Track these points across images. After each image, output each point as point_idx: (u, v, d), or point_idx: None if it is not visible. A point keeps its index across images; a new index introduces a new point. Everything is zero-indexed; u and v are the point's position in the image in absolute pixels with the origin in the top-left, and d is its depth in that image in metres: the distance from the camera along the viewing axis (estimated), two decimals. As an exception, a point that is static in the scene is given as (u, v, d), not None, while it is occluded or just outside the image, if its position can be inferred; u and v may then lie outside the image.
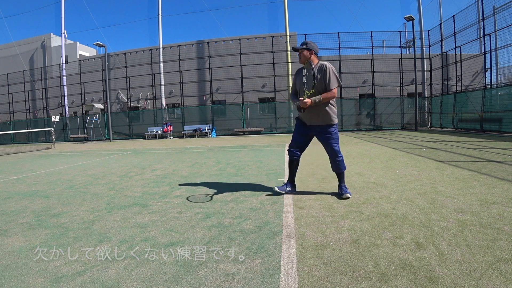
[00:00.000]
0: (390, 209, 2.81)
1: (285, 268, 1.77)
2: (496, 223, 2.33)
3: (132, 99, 22.20)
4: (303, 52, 3.21)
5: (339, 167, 3.31)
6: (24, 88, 24.60)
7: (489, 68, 14.66)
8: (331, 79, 3.09)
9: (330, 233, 2.28)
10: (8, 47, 26.25)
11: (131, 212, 3.04)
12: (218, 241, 2.21)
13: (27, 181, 5.23)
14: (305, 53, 3.20)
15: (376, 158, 6.17)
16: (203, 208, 3.07)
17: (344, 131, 18.04)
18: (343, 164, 3.31)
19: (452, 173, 4.31)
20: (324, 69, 3.11)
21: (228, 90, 20.52)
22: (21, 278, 1.76)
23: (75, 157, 9.42)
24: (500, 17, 13.52)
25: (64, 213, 3.12)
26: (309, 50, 3.19)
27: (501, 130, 11.95)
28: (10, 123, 23.96)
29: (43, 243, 2.31)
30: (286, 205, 3.05)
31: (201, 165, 6.31)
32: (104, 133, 20.24)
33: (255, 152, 8.29)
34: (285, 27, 19.49)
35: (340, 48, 19.20)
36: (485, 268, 1.67)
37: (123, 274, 1.78)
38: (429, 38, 19.53)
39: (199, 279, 1.69)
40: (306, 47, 3.20)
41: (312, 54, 3.21)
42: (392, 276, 1.63)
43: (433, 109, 18.27)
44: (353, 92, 19.53)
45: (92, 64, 22.98)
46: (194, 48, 21.16)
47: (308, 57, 3.21)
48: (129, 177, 5.13)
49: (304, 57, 3.22)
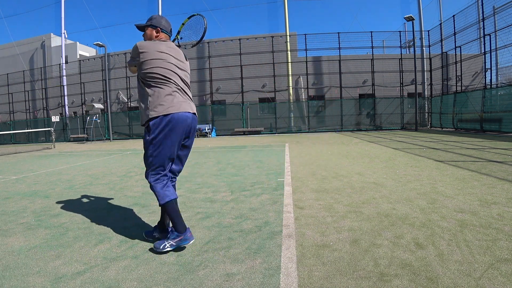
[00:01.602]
0: (390, 209, 2.81)
1: (285, 268, 1.77)
2: (496, 223, 2.33)
3: (132, 99, 22.19)
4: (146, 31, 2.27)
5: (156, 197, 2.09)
6: (24, 88, 24.60)
7: (489, 68, 14.66)
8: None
9: (330, 233, 2.28)
10: (8, 47, 26.25)
11: (131, 212, 3.04)
12: (218, 241, 2.21)
13: (27, 181, 5.23)
14: (149, 31, 2.25)
15: (376, 158, 6.17)
16: (203, 208, 3.07)
17: (344, 131, 18.05)
18: (157, 194, 2.07)
19: (452, 173, 4.31)
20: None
21: (228, 90, 20.52)
22: (21, 278, 1.76)
23: (75, 157, 9.42)
24: (500, 17, 13.53)
25: (64, 213, 3.12)
26: (154, 27, 2.24)
27: (501, 130, 11.95)
28: (10, 123, 23.96)
29: (43, 243, 2.31)
30: (286, 205, 3.05)
31: (201, 165, 6.31)
32: (104, 133, 20.24)
33: (255, 152, 8.29)
34: (285, 27, 19.50)
35: (340, 48, 19.19)
36: (485, 268, 1.67)
37: (123, 274, 1.78)
38: (429, 38, 19.53)
39: (199, 279, 1.69)
40: (150, 23, 2.25)
41: (155, 32, 2.25)
42: (392, 276, 1.63)
43: (433, 109, 18.27)
44: (353, 92, 19.53)
45: (92, 64, 22.98)
46: (194, 48, 21.14)
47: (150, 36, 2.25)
48: (129, 177, 5.13)
49: (146, 37, 2.28)
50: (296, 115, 19.11)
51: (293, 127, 18.99)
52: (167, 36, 2.30)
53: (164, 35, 2.27)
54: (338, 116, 18.86)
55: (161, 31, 2.25)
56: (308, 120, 19.10)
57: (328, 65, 19.75)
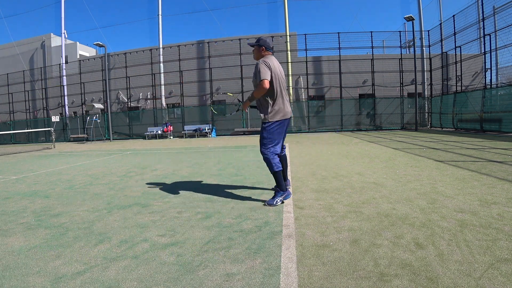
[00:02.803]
0: (390, 209, 2.81)
1: (285, 268, 1.77)
2: (496, 223, 2.33)
3: (132, 99, 22.19)
4: (254, 49, 3.18)
5: (268, 167, 3.07)
6: (24, 88, 24.60)
7: (489, 68, 14.66)
8: (257, 74, 2.94)
9: (330, 233, 2.28)
10: (8, 47, 26.25)
11: (131, 212, 3.04)
12: (218, 241, 2.21)
13: (27, 181, 5.23)
14: (256, 50, 3.16)
15: (376, 158, 6.17)
16: (203, 208, 3.08)
17: (344, 131, 18.05)
18: (270, 165, 3.02)
19: (452, 173, 4.31)
20: (256, 65, 3.01)
21: (228, 90, 20.52)
22: (21, 278, 1.76)
23: (75, 157, 9.42)
24: (500, 17, 13.52)
25: (64, 213, 3.12)
26: (260, 46, 3.13)
27: (501, 130, 11.95)
28: (10, 123, 23.96)
29: (43, 243, 2.31)
30: (286, 205, 3.05)
31: (201, 165, 6.31)
32: (104, 133, 20.24)
33: (255, 152, 8.29)
34: (285, 27, 19.50)
35: (340, 48, 19.18)
36: (485, 268, 1.67)
37: (123, 274, 1.78)
38: (429, 38, 19.53)
39: (199, 279, 1.69)
40: (258, 43, 3.14)
41: (263, 50, 3.13)
42: (392, 276, 1.63)
43: (433, 109, 18.27)
44: (353, 92, 19.54)
45: (92, 64, 22.97)
46: (194, 48, 21.16)
47: (260, 53, 3.14)
48: (129, 177, 5.13)
49: (255, 53, 3.18)
50: (296, 115, 19.11)
51: (293, 127, 18.98)
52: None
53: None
54: (338, 116, 18.86)
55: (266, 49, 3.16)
56: (308, 120, 19.10)
57: (328, 65, 19.75)
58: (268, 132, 3.03)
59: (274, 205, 3.01)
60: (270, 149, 3.04)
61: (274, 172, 3.02)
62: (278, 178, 3.04)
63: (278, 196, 3.08)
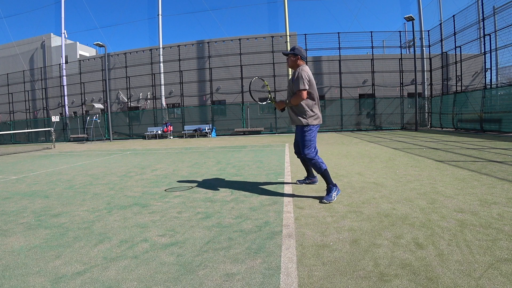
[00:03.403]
0: (390, 209, 2.81)
1: (285, 268, 1.77)
2: (496, 223, 2.33)
3: (132, 99, 22.19)
4: (290, 57, 3.42)
5: (316, 169, 3.30)
6: (24, 88, 24.61)
7: (489, 68, 14.65)
8: (298, 82, 3.21)
9: (330, 233, 2.28)
10: (8, 47, 26.25)
11: (131, 212, 3.04)
12: (218, 241, 2.21)
13: (27, 181, 5.23)
14: (292, 58, 3.40)
15: (376, 158, 6.17)
16: (203, 208, 3.08)
17: (344, 131, 18.05)
18: (318, 166, 3.25)
19: (452, 173, 4.31)
20: (295, 73, 3.30)
21: (228, 90, 20.53)
22: (21, 278, 1.76)
23: (75, 157, 9.42)
24: (500, 17, 13.52)
25: (64, 213, 3.12)
26: (295, 55, 3.38)
27: (501, 130, 11.95)
28: (10, 123, 23.95)
29: (43, 243, 2.31)
30: (286, 205, 3.05)
31: (201, 165, 6.31)
32: (104, 133, 20.24)
33: (255, 152, 8.29)
34: (285, 27, 19.48)
35: (340, 48, 19.19)
36: (485, 268, 1.67)
37: (123, 274, 1.78)
38: (429, 38, 19.53)
39: (199, 279, 1.69)
40: (293, 52, 3.38)
41: (298, 59, 3.40)
42: (392, 276, 1.63)
43: (433, 109, 18.27)
44: (353, 92, 19.54)
45: (92, 64, 22.98)
46: (194, 48, 21.16)
47: (296, 62, 3.40)
48: (129, 177, 5.13)
49: (291, 62, 3.42)
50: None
51: (293, 128, 18.98)
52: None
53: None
54: (338, 116, 18.86)
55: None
56: (308, 120, 19.06)
57: (328, 65, 19.75)
58: (309, 135, 3.30)
59: (331, 201, 3.12)
60: (313, 151, 3.29)
61: (322, 171, 3.22)
62: (327, 176, 3.22)
63: (333, 191, 3.21)
